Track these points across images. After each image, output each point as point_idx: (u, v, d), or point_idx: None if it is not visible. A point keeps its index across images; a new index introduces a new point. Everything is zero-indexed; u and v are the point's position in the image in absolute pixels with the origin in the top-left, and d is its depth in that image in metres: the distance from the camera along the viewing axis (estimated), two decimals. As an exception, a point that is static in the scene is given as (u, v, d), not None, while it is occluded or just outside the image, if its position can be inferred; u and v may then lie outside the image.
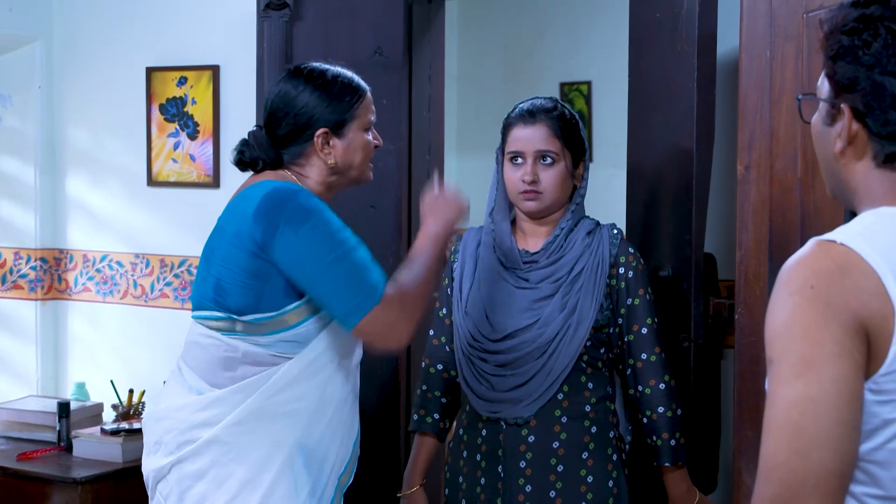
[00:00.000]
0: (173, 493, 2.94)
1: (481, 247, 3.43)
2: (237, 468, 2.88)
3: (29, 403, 4.91)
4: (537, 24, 6.98)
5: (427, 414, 3.50)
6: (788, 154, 3.05)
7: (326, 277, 2.80)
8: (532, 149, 3.28)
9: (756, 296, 3.11)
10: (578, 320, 3.24)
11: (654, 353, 3.29)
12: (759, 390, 3.09)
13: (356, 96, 3.03)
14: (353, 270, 2.80)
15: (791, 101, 3.03)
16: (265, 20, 4.44)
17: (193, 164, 4.91)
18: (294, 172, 3.01)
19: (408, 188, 4.41)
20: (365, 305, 2.78)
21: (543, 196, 3.28)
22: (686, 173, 3.66)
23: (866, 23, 1.87)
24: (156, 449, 2.98)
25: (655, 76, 3.77)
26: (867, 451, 1.76)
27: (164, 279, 5.02)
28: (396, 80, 4.28)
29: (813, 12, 2.98)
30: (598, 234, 3.32)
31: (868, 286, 1.74)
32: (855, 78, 1.88)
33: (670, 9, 3.69)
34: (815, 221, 2.98)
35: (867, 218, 1.87)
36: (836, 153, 1.93)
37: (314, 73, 3.02)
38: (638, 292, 3.29)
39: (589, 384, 3.29)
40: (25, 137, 5.25)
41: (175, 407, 2.95)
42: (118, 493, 4.38)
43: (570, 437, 3.25)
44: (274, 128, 3.01)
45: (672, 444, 3.27)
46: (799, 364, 1.72)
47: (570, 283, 3.27)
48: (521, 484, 3.26)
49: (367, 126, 3.06)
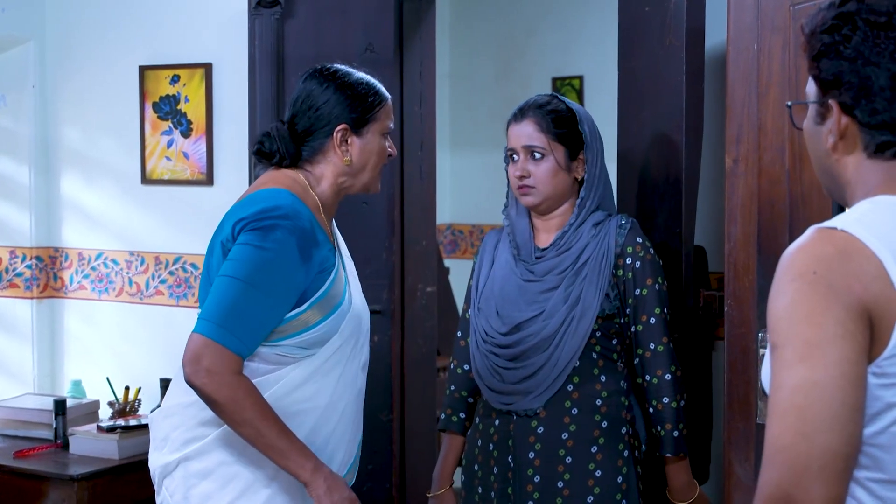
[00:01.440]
0: (179, 490, 2.94)
1: (499, 245, 3.47)
2: (243, 468, 2.90)
3: (25, 401, 4.91)
4: (529, 20, 7.00)
5: (454, 413, 3.55)
6: (776, 147, 3.06)
7: (222, 284, 2.79)
8: (520, 145, 3.34)
9: (745, 287, 3.12)
10: (582, 311, 3.26)
11: (662, 343, 3.31)
12: (748, 381, 3.12)
13: (379, 100, 3.05)
14: (239, 304, 2.77)
15: (778, 93, 3.05)
16: (256, 18, 4.45)
17: (187, 161, 4.92)
18: (307, 172, 3.02)
19: (400, 184, 4.43)
20: (212, 331, 2.74)
21: (537, 190, 3.32)
22: (675, 166, 3.68)
23: (844, 19, 1.90)
24: (163, 445, 2.99)
25: (644, 70, 3.78)
26: (870, 435, 1.77)
27: (159, 277, 5.03)
28: (388, 76, 4.28)
29: (799, 5, 3.00)
30: (605, 225, 3.34)
31: (870, 270, 1.75)
32: (839, 73, 1.90)
33: (659, 3, 3.70)
34: (802, 213, 3.00)
35: (863, 206, 1.88)
36: (829, 149, 1.95)
37: (339, 72, 3.05)
38: (646, 282, 3.30)
39: (601, 377, 3.31)
40: (19, 137, 5.26)
41: (183, 404, 2.95)
42: (114, 490, 4.39)
43: (579, 429, 3.28)
44: (295, 122, 3.03)
45: (675, 434, 3.29)
46: (803, 347, 1.73)
47: (574, 274, 3.29)
48: (530, 474, 3.29)
49: (385, 131, 3.08)
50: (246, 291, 2.77)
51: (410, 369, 4.47)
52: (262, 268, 2.79)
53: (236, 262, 2.79)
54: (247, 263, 2.78)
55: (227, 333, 2.75)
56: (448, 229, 7.43)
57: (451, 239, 7.43)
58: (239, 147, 4.69)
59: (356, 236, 4.10)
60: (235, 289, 2.77)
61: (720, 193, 3.49)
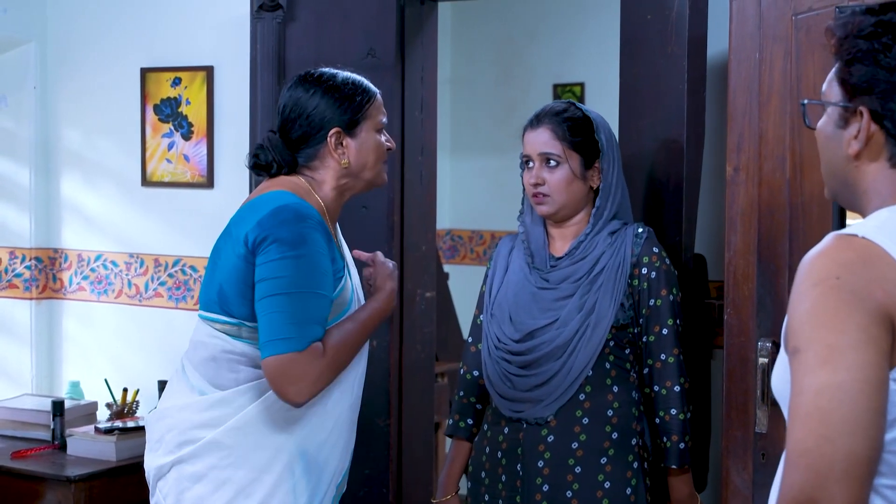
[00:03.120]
0: (171, 492, 2.96)
1: (514, 252, 3.46)
2: (235, 472, 2.90)
3: (23, 402, 4.91)
4: (530, 26, 7.01)
5: (461, 419, 3.54)
6: (777, 156, 3.07)
7: (273, 303, 2.79)
8: (535, 152, 3.33)
9: (745, 296, 3.13)
10: (597, 320, 3.26)
11: (673, 355, 3.30)
12: (747, 390, 3.12)
13: (367, 97, 3.05)
14: (297, 312, 2.78)
15: (780, 102, 3.05)
16: (258, 21, 4.46)
17: (188, 164, 4.92)
18: (308, 177, 3.02)
19: (400, 189, 4.43)
20: (285, 346, 2.76)
21: (551, 199, 3.32)
22: (676, 175, 3.68)
23: (885, 28, 1.90)
24: (157, 447, 3.00)
25: (646, 78, 3.78)
26: (889, 441, 1.77)
27: (158, 279, 5.03)
28: (389, 81, 4.29)
29: (801, 14, 3.00)
30: (621, 234, 3.34)
31: (892, 277, 1.76)
32: (873, 80, 1.90)
33: (661, 11, 3.71)
34: (802, 223, 3.00)
35: (882, 214, 1.89)
36: (850, 155, 1.94)
37: (324, 76, 3.05)
38: (661, 293, 3.30)
39: (614, 387, 3.30)
40: (20, 138, 5.26)
41: (177, 406, 2.96)
42: (112, 492, 4.39)
43: (589, 439, 3.26)
44: (288, 131, 3.03)
45: (681, 447, 3.28)
46: (825, 352, 1.74)
47: (589, 283, 3.29)
48: (538, 483, 3.28)
49: (378, 127, 3.07)
50: (295, 302, 2.79)
51: (408, 374, 4.47)
52: (303, 275, 2.80)
53: (278, 279, 2.80)
54: (288, 277, 2.79)
55: (296, 340, 2.77)
56: (447, 234, 7.43)
57: (450, 244, 7.43)
58: (240, 150, 4.69)
59: (355, 240, 4.09)
60: (287, 303, 2.78)
61: (720, 202, 3.49)
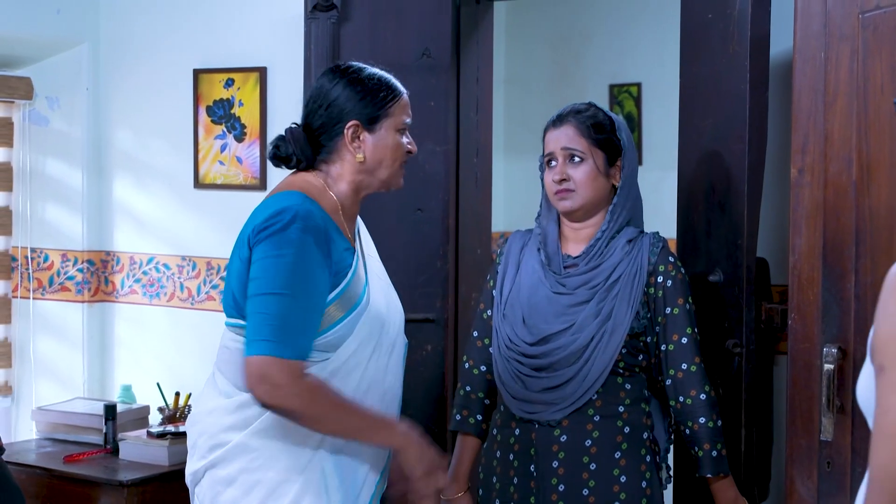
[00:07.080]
0: (207, 497, 2.96)
1: (526, 249, 3.43)
2: (265, 474, 2.89)
3: (76, 406, 4.92)
4: (586, 26, 6.94)
5: (470, 415, 3.50)
6: (843, 157, 3.00)
7: (255, 303, 2.77)
8: (559, 147, 3.34)
9: (810, 301, 3.06)
10: (613, 327, 3.25)
11: (695, 364, 3.28)
12: (812, 397, 3.05)
13: (392, 94, 3.01)
14: (280, 314, 2.74)
15: (846, 103, 2.98)
16: (312, 21, 4.42)
17: (240, 166, 4.90)
18: (325, 172, 2.99)
19: (455, 191, 4.39)
20: (267, 347, 2.72)
21: (576, 194, 3.31)
22: (738, 177, 3.62)
23: None
24: (192, 452, 3.02)
25: (707, 78, 3.73)
26: None
27: (210, 282, 5.02)
28: (444, 82, 4.26)
29: (869, 13, 2.93)
30: (638, 242, 3.33)
31: None
32: None
33: (722, 10, 3.65)
34: (869, 226, 2.93)
35: None
36: None
37: (351, 68, 3.03)
38: (677, 302, 3.29)
39: (626, 385, 3.30)
40: (73, 140, 5.27)
41: (206, 411, 2.98)
42: (164, 496, 4.39)
43: (602, 435, 3.26)
44: (310, 122, 3.01)
45: (714, 454, 3.26)
46: None
47: (606, 290, 3.28)
48: (553, 483, 3.27)
49: (400, 127, 3.03)
50: (282, 302, 2.75)
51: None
52: (288, 274, 2.76)
53: (262, 278, 2.78)
54: (273, 275, 2.77)
55: (280, 345, 2.73)
56: (501, 237, 7.38)
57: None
58: (292, 152, 4.66)
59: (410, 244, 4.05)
60: (272, 303, 2.75)
61: (783, 204, 3.43)
